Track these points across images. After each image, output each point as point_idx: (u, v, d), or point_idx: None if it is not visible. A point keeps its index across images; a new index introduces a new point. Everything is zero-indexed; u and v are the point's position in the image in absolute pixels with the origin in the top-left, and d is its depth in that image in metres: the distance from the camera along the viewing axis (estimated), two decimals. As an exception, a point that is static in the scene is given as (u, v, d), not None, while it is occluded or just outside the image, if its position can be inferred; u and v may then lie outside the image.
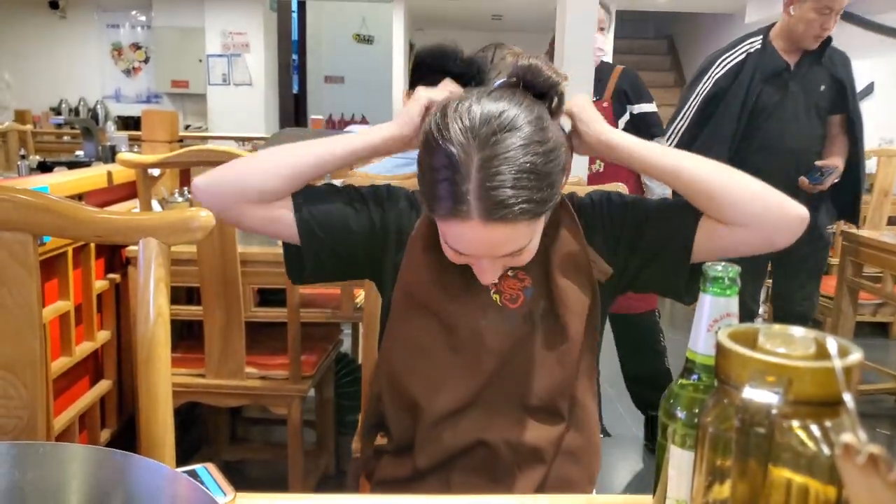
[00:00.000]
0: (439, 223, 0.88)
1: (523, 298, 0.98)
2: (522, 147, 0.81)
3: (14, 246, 0.82)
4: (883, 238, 2.58)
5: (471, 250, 0.88)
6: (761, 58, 2.38)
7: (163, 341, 0.84)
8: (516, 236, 0.85)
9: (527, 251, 0.90)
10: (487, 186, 0.80)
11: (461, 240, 0.86)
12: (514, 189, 0.80)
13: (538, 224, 0.88)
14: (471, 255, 0.89)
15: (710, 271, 0.59)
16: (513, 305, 0.98)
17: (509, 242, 0.86)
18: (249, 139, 5.42)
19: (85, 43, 8.39)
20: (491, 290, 0.98)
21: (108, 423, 2.12)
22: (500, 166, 0.80)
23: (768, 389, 0.42)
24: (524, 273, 0.99)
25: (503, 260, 0.90)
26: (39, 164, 3.66)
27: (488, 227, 0.82)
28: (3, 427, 0.85)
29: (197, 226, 0.84)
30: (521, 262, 0.92)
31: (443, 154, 0.82)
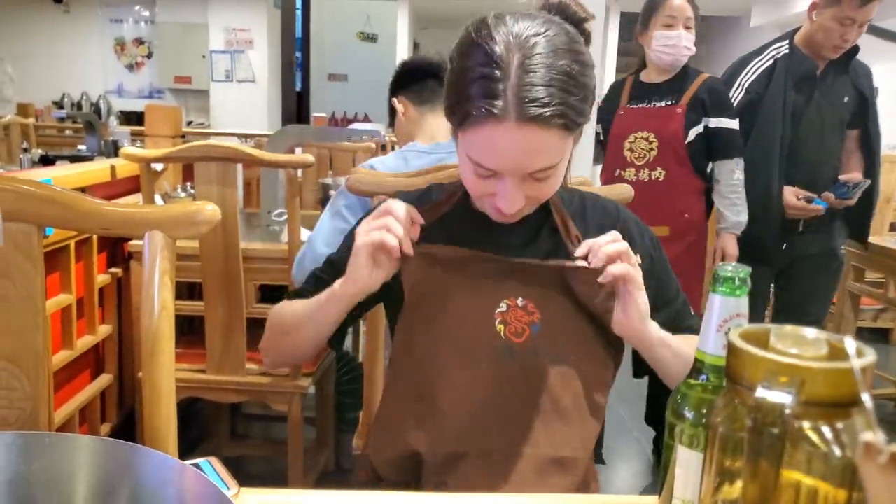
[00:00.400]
0: (469, 136, 0.85)
1: (529, 333, 0.93)
2: (562, 51, 0.82)
3: (18, 237, 0.82)
4: (885, 244, 2.58)
5: (500, 161, 0.84)
6: (791, 62, 2.24)
7: (167, 335, 0.84)
8: (548, 147, 0.83)
9: (553, 178, 0.87)
10: (526, 83, 0.80)
11: (492, 148, 0.83)
12: (551, 88, 0.80)
13: (567, 145, 0.86)
14: (497, 174, 0.86)
15: (720, 271, 0.58)
16: (517, 340, 0.93)
17: (540, 153, 0.83)
18: (252, 136, 5.42)
19: (88, 38, 8.40)
20: (496, 319, 0.93)
21: (108, 417, 2.12)
22: (539, 66, 0.81)
23: (781, 390, 0.42)
24: (535, 307, 0.94)
25: (529, 185, 0.87)
26: (41, 158, 3.66)
27: (522, 129, 0.81)
28: (5, 418, 0.84)
29: (202, 219, 0.83)
30: (543, 194, 0.89)
31: (482, 53, 0.82)
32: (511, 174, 0.85)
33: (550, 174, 0.87)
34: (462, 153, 0.89)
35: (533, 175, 0.86)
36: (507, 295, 0.94)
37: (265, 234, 2.31)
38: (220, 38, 8.03)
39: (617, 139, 2.31)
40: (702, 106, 2.24)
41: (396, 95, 1.87)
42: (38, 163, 3.58)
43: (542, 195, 0.90)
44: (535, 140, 0.82)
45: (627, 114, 2.32)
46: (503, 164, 0.85)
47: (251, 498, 0.73)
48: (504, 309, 0.93)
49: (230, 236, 1.85)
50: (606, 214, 1.04)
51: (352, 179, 1.34)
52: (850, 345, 0.43)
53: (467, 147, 0.87)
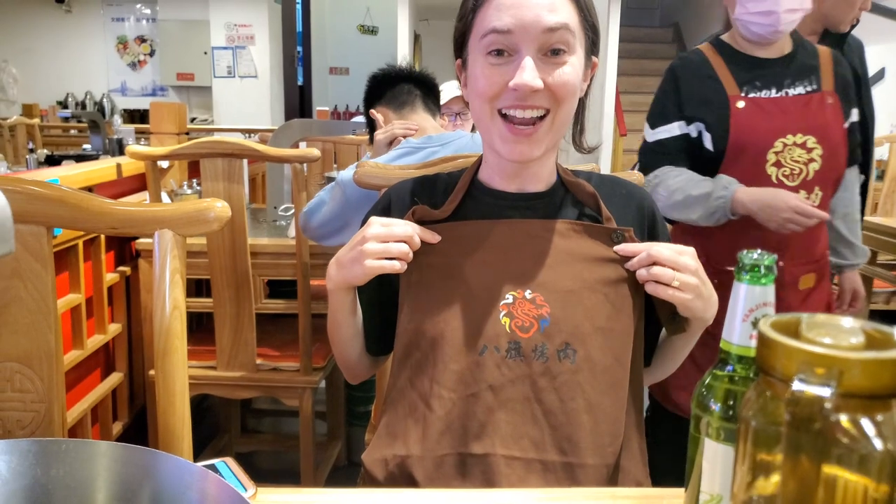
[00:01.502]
0: (481, 13, 0.87)
1: (536, 328, 0.88)
2: None
3: (28, 238, 0.81)
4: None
5: (516, 13, 0.84)
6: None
7: (179, 333, 0.83)
8: (560, 3, 0.85)
9: (569, 66, 0.86)
10: None
11: (507, 4, 0.84)
12: None
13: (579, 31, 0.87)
14: (512, 53, 0.85)
15: (745, 259, 0.57)
16: (523, 335, 0.88)
17: (554, 5, 0.84)
18: (255, 131, 5.40)
19: (91, 37, 8.39)
20: (502, 311, 0.89)
21: (119, 416, 2.11)
22: None
23: (819, 382, 0.40)
24: (544, 300, 0.89)
25: (545, 66, 0.85)
26: (47, 158, 3.67)
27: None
28: (20, 421, 0.84)
29: (213, 217, 0.82)
30: (559, 85, 0.86)
31: None
32: (526, 31, 0.84)
33: (565, 56, 0.86)
34: (474, 57, 0.89)
35: (549, 44, 0.85)
36: (513, 285, 0.90)
37: (272, 229, 2.30)
38: (222, 34, 8.00)
39: (750, 148, 1.53)
40: (843, 90, 1.62)
41: (373, 108, 1.90)
42: (44, 163, 3.58)
43: (558, 84, 0.86)
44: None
45: (756, 107, 1.55)
46: (518, 16, 0.84)
47: (268, 498, 0.73)
48: (510, 301, 0.89)
49: (238, 232, 1.85)
50: (629, 194, 1.01)
51: (359, 173, 1.32)
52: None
53: (481, 27, 0.87)
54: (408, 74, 1.87)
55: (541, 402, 0.87)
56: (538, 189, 0.97)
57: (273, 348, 2.05)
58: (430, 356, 0.90)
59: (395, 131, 1.80)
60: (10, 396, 0.83)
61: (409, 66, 1.90)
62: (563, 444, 0.86)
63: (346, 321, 0.99)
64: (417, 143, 1.72)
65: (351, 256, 0.89)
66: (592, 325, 0.88)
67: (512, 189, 0.97)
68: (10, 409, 0.83)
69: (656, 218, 1.01)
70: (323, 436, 2.50)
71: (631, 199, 1.00)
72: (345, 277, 0.91)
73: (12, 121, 5.16)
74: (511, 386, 0.87)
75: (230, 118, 7.87)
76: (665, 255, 0.87)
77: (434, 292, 0.91)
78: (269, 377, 1.97)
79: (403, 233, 0.88)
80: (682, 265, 0.86)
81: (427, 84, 1.90)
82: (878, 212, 3.23)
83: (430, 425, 0.88)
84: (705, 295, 0.88)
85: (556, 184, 0.98)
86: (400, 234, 0.88)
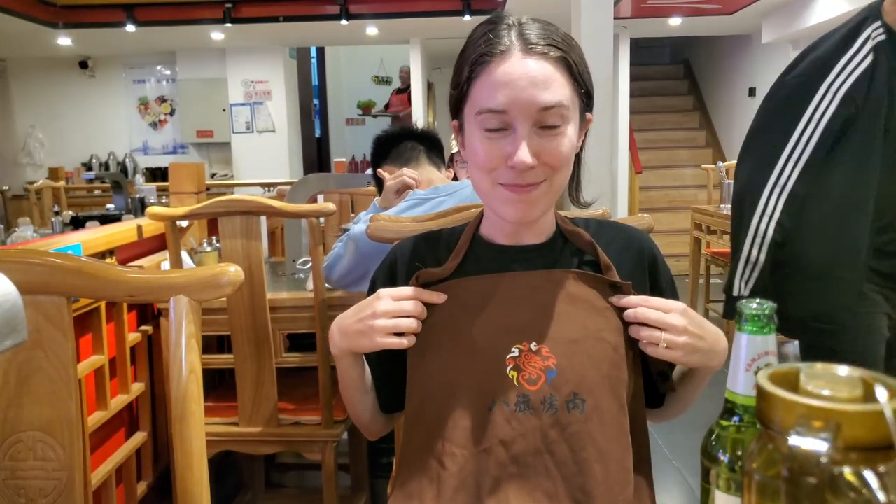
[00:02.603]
0: (477, 87, 0.89)
1: (544, 380, 0.88)
2: (560, 28, 0.93)
3: (49, 308, 0.84)
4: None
5: (509, 93, 0.86)
6: (893, 50, 1.46)
7: (196, 397, 0.85)
8: (553, 81, 0.86)
9: (563, 137, 0.88)
10: (526, 31, 0.88)
11: (501, 84, 0.86)
12: (550, 37, 0.88)
13: (573, 101, 0.89)
14: (508, 127, 0.87)
15: (745, 309, 0.57)
16: (531, 388, 0.88)
17: (547, 86, 0.86)
18: (274, 184, 5.50)
19: (113, 99, 8.65)
20: (508, 365, 0.89)
21: (144, 475, 2.12)
22: (537, 24, 0.90)
23: (816, 436, 0.40)
24: (550, 351, 0.89)
25: (540, 139, 0.87)
26: (72, 219, 3.76)
27: (526, 60, 0.86)
28: (43, 490, 0.85)
29: (227, 281, 0.84)
30: (555, 156, 0.88)
31: (488, 21, 0.91)
32: (521, 110, 0.86)
33: (560, 129, 0.87)
34: (470, 129, 0.91)
35: (543, 121, 0.86)
36: (519, 339, 0.91)
37: (291, 282, 2.33)
38: (240, 91, 8.22)
39: None
40: None
41: (380, 167, 1.98)
42: (69, 224, 3.67)
43: (554, 157, 0.88)
44: (540, 71, 0.86)
45: None
46: (512, 97, 0.86)
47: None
48: (516, 354, 0.90)
49: (257, 289, 1.87)
50: (629, 239, 1.02)
51: (372, 227, 1.35)
52: (881, 392, 0.42)
53: (476, 102, 0.89)
54: (409, 132, 1.96)
55: (552, 453, 0.87)
56: (538, 241, 0.99)
57: (294, 402, 2.06)
58: (441, 414, 0.90)
59: (405, 179, 1.86)
60: (32, 465, 0.84)
61: (409, 125, 2.00)
62: (576, 494, 0.86)
63: (355, 383, 1.00)
64: (424, 195, 1.76)
65: (358, 329, 0.90)
66: (599, 374, 0.89)
67: (512, 243, 0.99)
68: (32, 479, 0.84)
69: (657, 261, 1.02)
70: (347, 488, 2.48)
71: (631, 244, 1.01)
72: (350, 346, 0.93)
73: (39, 184, 5.31)
74: (522, 439, 0.87)
75: (249, 172, 8.03)
76: (652, 318, 0.87)
77: (441, 350, 0.92)
78: (291, 432, 1.97)
79: (413, 309, 0.91)
80: (668, 325, 0.87)
81: (430, 139, 1.99)
82: None
83: (445, 483, 0.88)
84: (703, 348, 0.88)
85: (554, 234, 1.00)
86: (409, 310, 0.91)
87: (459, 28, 7.24)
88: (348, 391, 1.01)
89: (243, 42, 7.79)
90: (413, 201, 1.76)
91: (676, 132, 8.50)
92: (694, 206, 4.61)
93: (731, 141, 8.22)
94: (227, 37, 7.34)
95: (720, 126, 8.52)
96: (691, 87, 9.18)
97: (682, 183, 7.77)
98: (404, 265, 1.02)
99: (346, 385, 1.01)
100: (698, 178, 7.31)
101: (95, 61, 8.51)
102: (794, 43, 6.76)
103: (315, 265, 1.93)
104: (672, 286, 1.03)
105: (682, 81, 9.32)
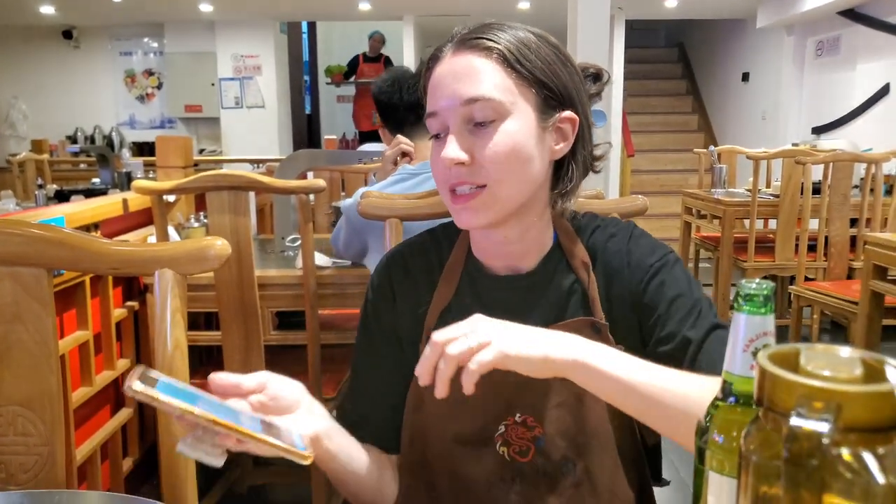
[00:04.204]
0: (427, 91, 0.86)
1: (534, 450, 0.86)
2: (520, 28, 0.86)
3: (29, 281, 0.82)
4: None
5: (438, 93, 0.83)
6: None
7: (181, 372, 0.83)
8: (478, 73, 0.81)
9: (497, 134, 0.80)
10: (464, 31, 0.86)
11: (433, 85, 0.84)
12: (494, 30, 0.84)
13: (513, 92, 0.81)
14: (439, 111, 0.83)
15: (743, 289, 0.56)
16: (523, 459, 0.86)
17: (471, 79, 0.80)
18: (264, 161, 5.45)
19: (99, 71, 8.52)
20: (497, 441, 0.87)
21: (130, 452, 2.11)
22: (483, 24, 0.86)
23: (817, 416, 0.39)
24: (535, 420, 0.86)
25: (472, 137, 0.81)
26: (56, 193, 3.70)
27: (455, 57, 0.83)
28: (23, 465, 0.83)
29: (213, 254, 0.83)
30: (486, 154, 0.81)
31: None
32: (446, 107, 0.82)
33: (493, 125, 0.81)
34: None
35: (471, 116, 0.81)
36: (504, 413, 0.87)
37: (280, 260, 2.31)
38: (229, 65, 8.12)
39: None
40: None
41: (383, 126, 1.99)
42: (53, 198, 3.61)
43: (486, 156, 0.81)
44: (466, 64, 0.82)
45: None
46: (438, 95, 0.83)
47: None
48: (503, 430, 0.87)
49: (245, 265, 1.85)
50: (616, 255, 0.91)
51: (363, 204, 1.33)
52: (892, 372, 0.41)
53: (428, 106, 0.86)
54: (415, 103, 1.88)
55: None
56: (529, 266, 0.91)
57: (281, 379, 2.05)
58: (441, 491, 0.89)
59: (402, 147, 1.86)
60: (12, 440, 0.82)
61: (408, 79, 1.87)
62: None
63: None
64: (413, 170, 1.75)
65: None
66: (585, 434, 0.86)
67: (502, 270, 0.92)
68: (12, 454, 0.82)
69: (659, 275, 0.89)
70: (334, 466, 2.48)
71: (618, 257, 0.91)
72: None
73: (22, 157, 5.23)
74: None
75: (238, 148, 7.95)
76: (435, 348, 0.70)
77: (432, 438, 0.89)
78: (278, 409, 1.96)
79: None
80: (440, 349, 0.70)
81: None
82: (888, 227, 3.21)
83: None
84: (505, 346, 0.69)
85: (550, 250, 0.92)
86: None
87: (454, 5, 7.16)
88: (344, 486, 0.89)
89: (232, 15, 7.68)
90: (400, 176, 1.75)
91: (669, 116, 8.49)
92: (685, 191, 4.61)
93: (724, 126, 8.21)
94: (215, 8, 7.22)
95: (713, 111, 8.51)
96: (685, 71, 9.16)
97: (674, 167, 7.77)
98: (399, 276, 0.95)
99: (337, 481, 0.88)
100: (690, 163, 7.31)
101: (80, 31, 8.37)
102: (789, 28, 6.74)
103: (305, 242, 1.91)
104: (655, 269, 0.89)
105: (676, 65, 9.29)
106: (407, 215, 1.31)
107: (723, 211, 3.78)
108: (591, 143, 0.91)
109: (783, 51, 6.88)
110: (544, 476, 0.86)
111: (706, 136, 8.19)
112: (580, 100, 0.87)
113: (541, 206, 0.89)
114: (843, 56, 6.12)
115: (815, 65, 6.60)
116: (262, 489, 2.53)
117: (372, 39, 8.57)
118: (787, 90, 6.77)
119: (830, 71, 6.33)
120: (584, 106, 0.88)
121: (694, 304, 0.85)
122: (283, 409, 0.76)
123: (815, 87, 6.56)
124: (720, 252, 3.81)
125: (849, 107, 5.85)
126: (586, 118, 0.89)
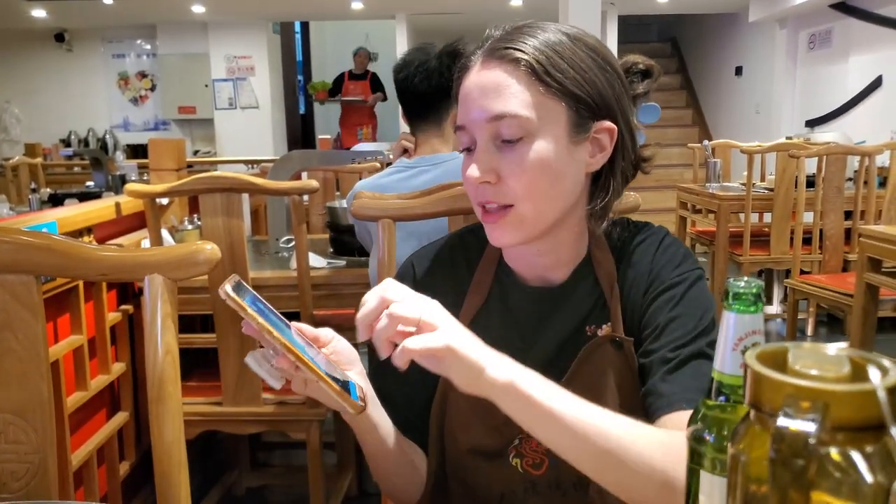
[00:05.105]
0: (458, 113, 0.83)
1: (548, 464, 0.85)
2: (553, 31, 0.81)
3: (17, 288, 0.81)
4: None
5: (466, 108, 0.81)
6: None
7: (172, 379, 0.83)
8: (506, 87, 0.78)
9: (527, 152, 0.78)
10: (493, 37, 0.82)
11: (462, 97, 0.82)
12: (510, 39, 0.80)
13: (546, 106, 0.78)
14: (467, 126, 0.80)
15: (732, 287, 0.56)
16: (536, 472, 0.85)
17: (499, 94, 0.78)
18: (258, 162, 5.44)
19: (92, 74, 8.51)
20: (511, 454, 0.85)
21: (126, 456, 2.10)
22: (510, 27, 0.82)
23: (804, 416, 0.39)
24: None
25: (499, 154, 0.79)
26: (50, 197, 3.69)
27: (483, 69, 0.80)
28: (15, 473, 0.83)
29: (203, 259, 0.82)
30: (513, 170, 0.78)
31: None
32: (473, 123, 0.80)
33: (521, 142, 0.78)
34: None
35: (498, 133, 0.78)
36: (518, 425, 0.80)
37: (274, 261, 2.31)
38: (222, 66, 8.10)
39: None
40: None
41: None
42: (47, 202, 3.60)
43: (513, 175, 0.78)
44: (491, 78, 0.79)
45: None
46: (466, 110, 0.81)
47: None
48: (517, 443, 0.85)
49: (239, 267, 1.85)
50: (641, 262, 0.88)
51: (355, 206, 1.33)
52: (874, 373, 0.41)
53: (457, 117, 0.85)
54: (440, 88, 1.72)
55: None
56: (560, 278, 0.89)
57: (277, 381, 2.04)
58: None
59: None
60: (3, 449, 0.82)
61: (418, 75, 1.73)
62: None
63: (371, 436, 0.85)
64: (408, 164, 1.75)
65: None
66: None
67: (533, 281, 0.90)
68: (4, 462, 0.82)
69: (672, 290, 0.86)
70: (333, 467, 2.48)
71: (642, 266, 0.88)
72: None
73: (15, 161, 5.21)
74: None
75: (233, 149, 7.94)
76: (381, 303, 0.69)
77: (448, 448, 0.88)
78: (276, 411, 1.96)
79: None
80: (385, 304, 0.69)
81: (441, 92, 1.76)
82: (881, 219, 3.21)
83: None
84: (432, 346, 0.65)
85: (582, 261, 0.89)
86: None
87: (446, 3, 7.15)
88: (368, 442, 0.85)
89: (225, 16, 7.66)
90: (395, 168, 1.75)
91: (663, 111, 8.38)
92: (679, 185, 4.62)
93: (718, 120, 8.23)
94: (208, 9, 7.21)
95: (707, 105, 8.52)
96: (679, 66, 9.16)
97: (669, 161, 7.78)
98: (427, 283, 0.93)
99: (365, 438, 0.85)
100: (684, 157, 7.32)
101: (72, 34, 8.35)
102: (781, 22, 6.75)
103: (299, 243, 1.91)
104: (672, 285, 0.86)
105: (670, 60, 9.29)
106: (399, 215, 1.30)
107: (717, 205, 3.78)
108: (633, 151, 0.87)
109: (776, 44, 6.90)
110: (557, 489, 0.84)
111: (700, 131, 8.20)
112: (621, 107, 0.83)
113: (575, 220, 0.86)
114: (835, 49, 6.13)
115: (807, 58, 6.61)
116: (260, 491, 2.52)
117: (357, 56, 8.21)
118: (781, 84, 6.79)
119: (823, 64, 6.34)
120: (624, 113, 0.84)
121: (692, 329, 0.82)
122: (340, 365, 0.79)
123: (808, 81, 6.57)
124: (715, 246, 3.82)
125: (842, 99, 5.86)
126: (627, 125, 0.85)
